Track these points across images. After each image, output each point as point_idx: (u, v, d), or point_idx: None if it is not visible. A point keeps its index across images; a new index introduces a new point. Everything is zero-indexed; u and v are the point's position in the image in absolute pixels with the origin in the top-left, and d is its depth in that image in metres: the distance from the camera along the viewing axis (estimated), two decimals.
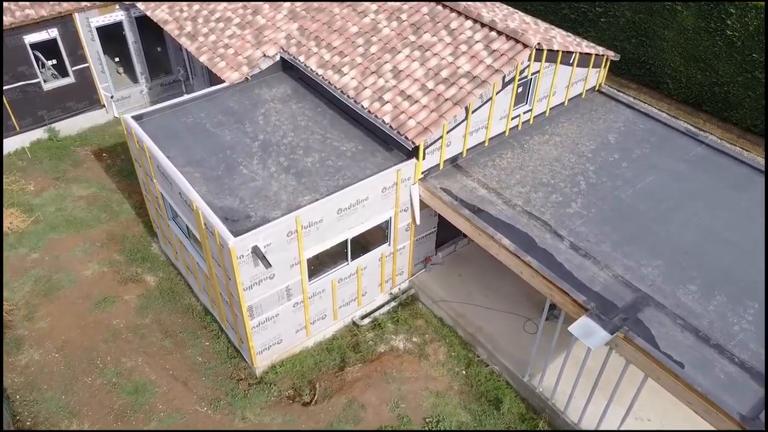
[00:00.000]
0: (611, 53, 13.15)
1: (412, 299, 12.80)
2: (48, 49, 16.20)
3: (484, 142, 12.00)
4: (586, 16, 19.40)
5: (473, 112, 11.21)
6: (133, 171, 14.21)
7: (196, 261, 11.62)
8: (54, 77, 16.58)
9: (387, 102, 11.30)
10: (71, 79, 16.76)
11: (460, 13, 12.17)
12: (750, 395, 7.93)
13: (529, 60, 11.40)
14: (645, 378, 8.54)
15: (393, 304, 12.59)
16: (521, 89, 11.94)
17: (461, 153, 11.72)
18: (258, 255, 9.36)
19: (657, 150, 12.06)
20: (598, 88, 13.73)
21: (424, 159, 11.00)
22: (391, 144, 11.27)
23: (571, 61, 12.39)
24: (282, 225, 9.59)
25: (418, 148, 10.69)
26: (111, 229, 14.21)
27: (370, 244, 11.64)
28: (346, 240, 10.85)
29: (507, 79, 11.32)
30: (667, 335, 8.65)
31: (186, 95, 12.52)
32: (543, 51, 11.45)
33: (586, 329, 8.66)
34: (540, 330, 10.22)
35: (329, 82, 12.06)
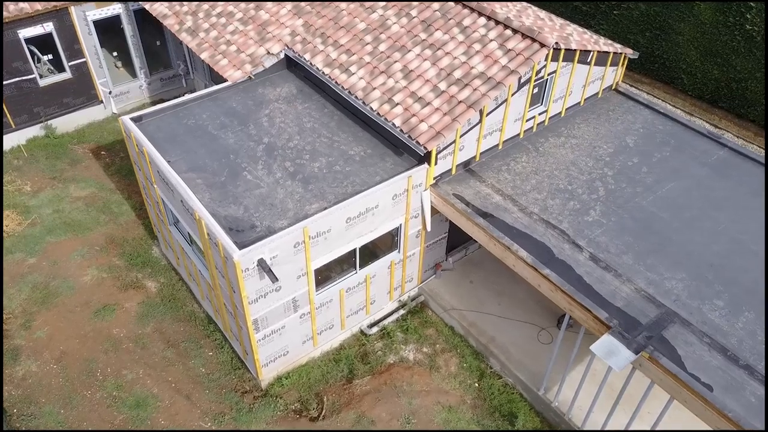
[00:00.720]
0: (629, 51, 12.63)
1: (421, 306, 12.39)
2: (43, 44, 15.67)
3: (497, 145, 11.52)
4: (598, 8, 18.81)
5: (487, 114, 10.73)
6: (133, 169, 13.73)
7: (198, 269, 11.19)
8: (50, 72, 16.06)
9: (397, 104, 10.81)
10: (68, 75, 16.24)
11: (473, 10, 11.63)
12: None
13: (546, 60, 10.90)
14: (670, 400, 8.14)
15: (402, 312, 12.19)
16: (536, 90, 11.45)
17: (474, 157, 11.25)
18: (264, 268, 8.93)
19: (677, 153, 11.59)
20: (614, 86, 13.22)
21: (436, 164, 10.53)
22: (401, 148, 10.80)
23: (589, 60, 11.88)
24: (289, 236, 9.15)
25: (430, 153, 10.22)
26: (110, 232, 13.77)
27: (379, 251, 11.22)
28: (354, 249, 10.42)
29: (523, 80, 10.82)
30: (694, 355, 8.25)
31: (187, 95, 12.02)
32: (560, 50, 10.93)
33: (609, 348, 8.25)
34: (557, 346, 9.81)
35: (336, 82, 11.56)
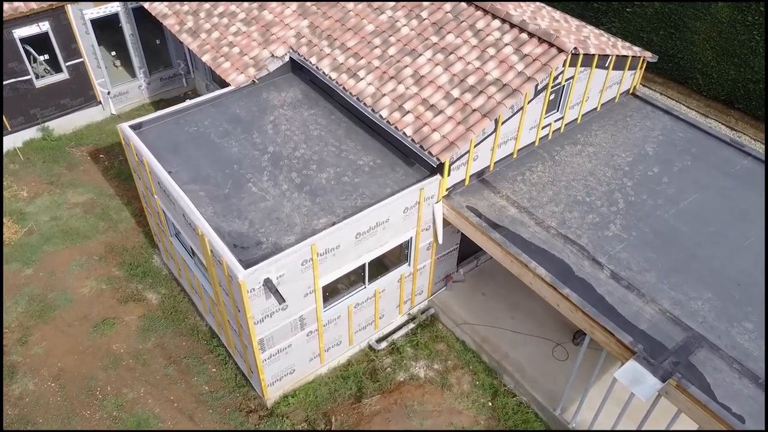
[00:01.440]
0: (648, 54, 12.14)
1: (432, 320, 11.98)
2: (39, 44, 15.17)
3: (512, 153, 11.07)
4: (610, 5, 18.28)
5: (503, 123, 10.26)
6: (132, 173, 13.28)
7: (201, 283, 10.77)
8: (47, 72, 15.56)
9: (408, 112, 10.34)
10: (65, 75, 15.74)
11: (486, 12, 11.13)
12: None
13: (564, 65, 10.41)
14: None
15: (411, 325, 11.78)
16: (553, 96, 10.97)
17: (488, 166, 10.79)
18: (271, 289, 8.50)
19: (699, 163, 11.13)
20: (632, 90, 12.73)
21: (449, 175, 10.08)
22: (412, 157, 10.35)
23: (607, 65, 11.40)
24: (296, 254, 8.71)
25: (443, 164, 9.76)
26: (109, 240, 13.34)
27: (388, 264, 10.80)
28: (363, 264, 9.99)
29: (539, 87, 10.34)
30: (724, 382, 7.83)
31: (188, 101, 11.54)
32: (579, 56, 10.45)
33: (634, 375, 7.84)
34: (576, 367, 9.40)
35: (344, 87, 11.09)
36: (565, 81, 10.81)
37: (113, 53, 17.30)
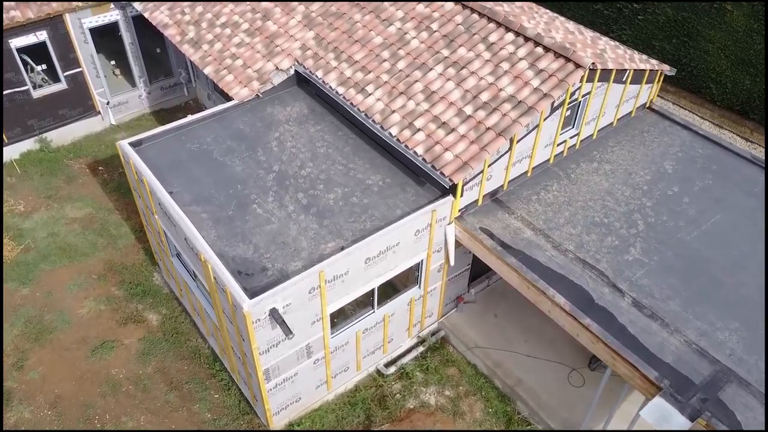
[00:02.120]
0: (666, 67, 11.72)
1: (442, 342, 11.57)
2: (37, 54, 14.78)
3: (526, 172, 10.66)
4: (621, 12, 17.86)
5: (518, 141, 9.85)
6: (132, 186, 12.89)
7: (203, 306, 10.37)
8: (44, 82, 15.16)
9: (419, 129, 9.93)
10: (63, 85, 15.34)
11: (499, 24, 10.72)
12: None
13: (581, 81, 10.00)
14: None
15: (421, 349, 11.37)
16: (569, 112, 10.56)
17: (502, 186, 10.38)
18: (277, 320, 8.09)
19: (721, 181, 10.72)
20: (648, 104, 12.32)
21: (461, 196, 9.67)
22: (423, 177, 9.94)
23: (624, 79, 10.99)
24: (303, 282, 8.30)
25: (455, 185, 9.35)
26: (108, 258, 12.93)
27: (398, 286, 10.40)
28: (372, 289, 9.59)
29: (556, 104, 9.93)
30: (755, 421, 7.43)
31: (190, 116, 11.14)
32: (596, 71, 10.04)
33: (661, 414, 7.43)
34: (596, 399, 9.00)
35: (352, 103, 10.68)
36: (582, 97, 10.40)
37: (113, 62, 16.90)
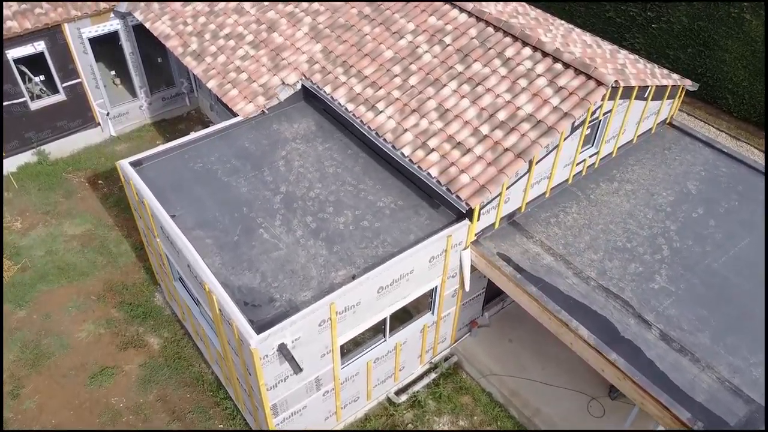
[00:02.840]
0: (688, 82, 11.28)
1: (455, 368, 11.12)
2: (35, 64, 14.34)
3: (545, 193, 10.21)
4: (634, 20, 17.40)
5: (537, 163, 9.40)
6: None
7: (207, 333, 9.93)
8: (42, 93, 14.72)
9: (432, 150, 9.49)
10: (62, 96, 14.89)
11: (515, 38, 10.27)
12: None
13: (603, 99, 9.55)
14: None
15: (433, 375, 10.93)
16: (588, 130, 10.11)
17: (519, 208, 9.94)
18: (286, 357, 7.65)
19: (747, 202, 10.27)
20: (669, 120, 11.87)
21: (478, 220, 9.22)
22: (437, 199, 9.49)
23: (646, 96, 10.54)
24: (313, 315, 7.86)
25: (472, 209, 8.90)
26: (108, 277, 12.49)
27: (411, 312, 9.95)
28: (385, 318, 9.15)
29: (576, 123, 9.49)
30: None
31: (193, 133, 10.70)
32: (618, 88, 9.59)
33: None
34: None
35: (362, 121, 10.24)
36: (603, 115, 9.96)
37: (113, 72, 16.46)
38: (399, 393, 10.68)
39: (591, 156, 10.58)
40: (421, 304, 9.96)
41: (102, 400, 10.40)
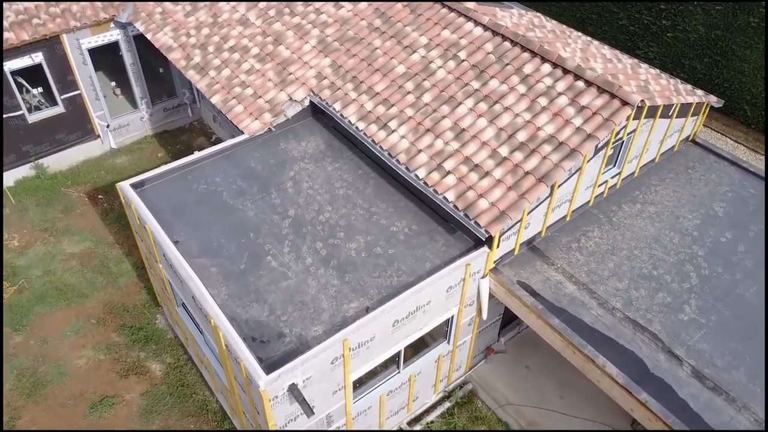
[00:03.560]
0: (713, 98, 10.83)
1: (470, 396, 10.67)
2: (33, 76, 13.89)
3: (565, 216, 9.76)
4: (648, 29, 16.94)
5: (558, 186, 8.94)
6: None
7: (211, 363, 9.48)
8: (40, 105, 14.27)
9: (449, 172, 9.03)
10: (60, 109, 14.44)
11: (534, 54, 9.81)
12: None
13: (627, 119, 9.09)
14: None
15: (447, 404, 10.47)
16: (611, 151, 9.65)
17: (540, 232, 9.48)
18: (297, 398, 7.20)
19: None
20: (692, 137, 11.41)
21: (498, 247, 8.77)
22: (453, 224, 9.04)
23: (670, 113, 10.09)
24: (326, 353, 7.40)
25: (492, 236, 8.45)
26: (108, 299, 12.04)
27: (425, 341, 9.50)
28: (399, 351, 8.70)
29: (600, 145, 9.03)
30: None
31: (197, 152, 10.25)
32: (644, 108, 9.13)
33: None
34: None
35: (373, 140, 9.78)
36: (627, 135, 9.50)
37: (113, 83, 16.01)
38: (412, 423, 10.23)
39: (613, 177, 10.13)
40: (437, 332, 9.52)
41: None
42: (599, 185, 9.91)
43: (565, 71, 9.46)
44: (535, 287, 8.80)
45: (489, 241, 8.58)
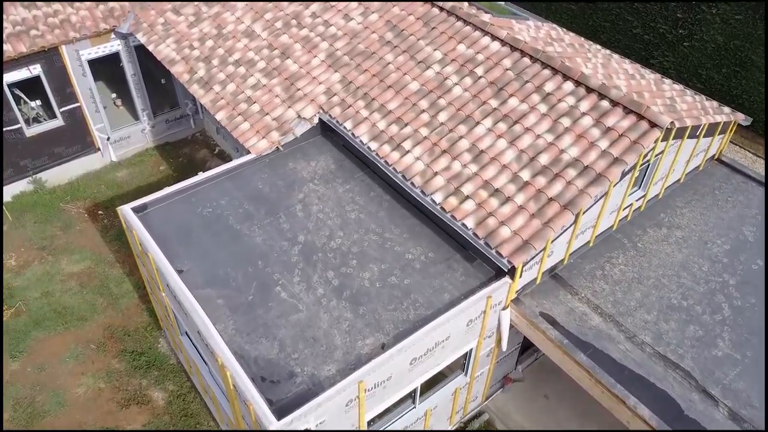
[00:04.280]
0: (741, 116, 10.37)
1: (486, 426, 10.21)
2: (31, 89, 13.45)
3: (589, 241, 9.30)
4: (664, 38, 16.48)
5: (583, 213, 8.48)
6: None
7: (217, 396, 9.03)
8: (39, 117, 13.82)
9: (467, 197, 8.57)
10: (59, 122, 13.99)
11: (555, 71, 9.35)
12: None
13: (655, 141, 8.63)
14: None
15: None
16: (637, 173, 9.19)
17: (562, 260, 9.02)
18: None
19: None
20: (718, 156, 10.96)
21: (520, 277, 8.31)
22: (472, 251, 8.58)
23: (698, 133, 9.63)
24: (340, 396, 6.95)
25: (515, 267, 7.99)
26: (109, 321, 11.59)
27: (442, 374, 9.03)
28: (416, 388, 8.25)
29: (627, 169, 8.57)
30: None
31: (201, 173, 9.78)
32: (673, 129, 8.67)
33: None
34: None
35: (386, 161, 9.32)
36: (654, 157, 9.04)
37: (114, 94, 15.57)
38: None
39: (638, 199, 9.67)
40: (454, 364, 9.05)
41: None
42: (624, 208, 9.45)
43: (589, 90, 9.00)
44: (559, 319, 8.34)
45: (511, 272, 8.12)
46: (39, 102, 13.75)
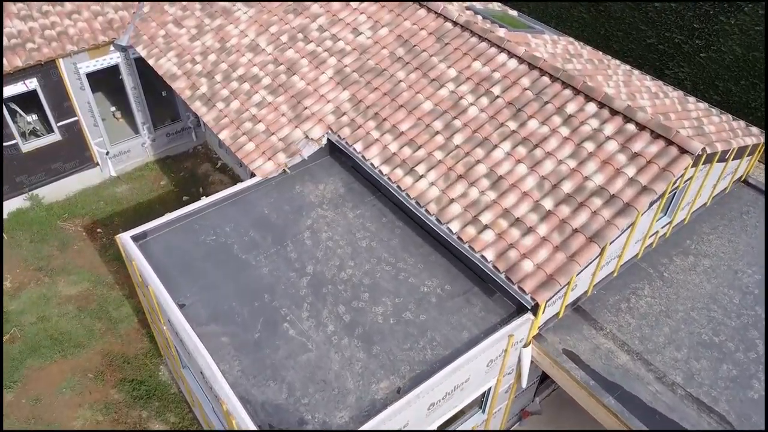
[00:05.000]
0: None
1: None
2: (27, 103, 12.99)
3: (613, 271, 8.82)
4: (679, 48, 16.00)
5: (610, 244, 8.01)
6: None
7: None
8: (36, 131, 13.36)
9: (486, 227, 8.09)
10: (57, 137, 13.53)
11: (577, 91, 8.88)
12: None
13: (685, 168, 8.15)
14: None
15: None
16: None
17: (586, 291, 8.55)
18: None
19: None
20: (744, 177, 10.49)
21: (543, 313, 7.83)
22: (491, 283, 8.10)
23: (727, 157, 9.15)
24: None
25: (538, 303, 7.51)
26: (107, 348, 11.13)
27: (458, 413, 8.56)
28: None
29: (656, 198, 8.09)
30: None
31: (204, 198, 9.31)
32: (704, 155, 8.19)
33: None
34: None
35: (399, 186, 8.85)
36: (683, 183, 8.57)
37: (113, 108, 15.10)
38: None
39: (663, 226, 9.19)
40: (472, 406, 8.57)
41: None
42: (649, 236, 8.98)
43: (613, 112, 8.53)
44: (584, 358, 7.87)
45: (534, 308, 7.64)
46: (35, 116, 13.29)
